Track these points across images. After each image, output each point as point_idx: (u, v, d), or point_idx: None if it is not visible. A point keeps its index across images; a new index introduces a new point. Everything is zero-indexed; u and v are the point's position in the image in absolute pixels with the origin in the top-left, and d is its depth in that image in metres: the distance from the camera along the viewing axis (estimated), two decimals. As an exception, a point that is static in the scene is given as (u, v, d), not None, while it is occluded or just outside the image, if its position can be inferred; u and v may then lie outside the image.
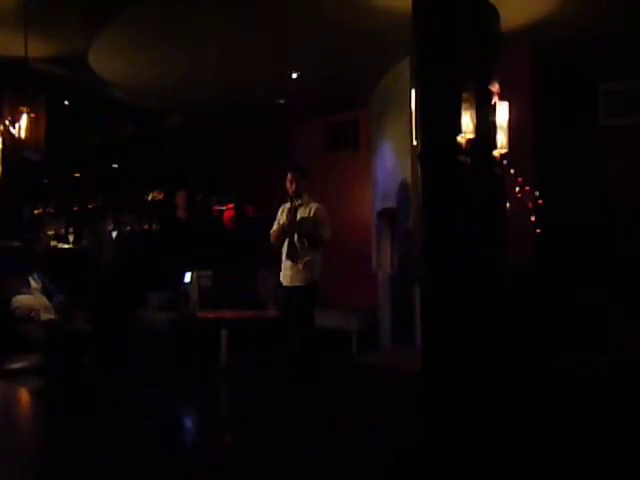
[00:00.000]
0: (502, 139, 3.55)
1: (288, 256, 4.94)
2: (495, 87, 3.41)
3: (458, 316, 3.13)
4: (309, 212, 4.93)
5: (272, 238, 5.09)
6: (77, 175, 9.47)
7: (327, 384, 5.14)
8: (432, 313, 3.16)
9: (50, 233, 9.09)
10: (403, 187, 5.47)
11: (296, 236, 4.91)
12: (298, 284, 4.89)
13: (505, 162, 3.62)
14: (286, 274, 4.97)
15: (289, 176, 5.01)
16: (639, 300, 4.37)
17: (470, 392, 3.11)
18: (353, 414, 4.44)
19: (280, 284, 5.09)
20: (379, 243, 6.49)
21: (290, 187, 4.98)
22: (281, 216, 5.06)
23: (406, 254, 5.65)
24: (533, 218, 4.88)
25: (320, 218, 4.91)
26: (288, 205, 5.03)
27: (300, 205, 4.97)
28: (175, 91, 6.79)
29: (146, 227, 8.74)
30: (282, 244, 4.99)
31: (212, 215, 8.22)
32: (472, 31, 3.25)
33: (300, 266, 4.89)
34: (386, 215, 6.25)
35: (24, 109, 4.44)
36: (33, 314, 4.83)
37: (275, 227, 5.08)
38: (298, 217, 4.93)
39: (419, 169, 3.18)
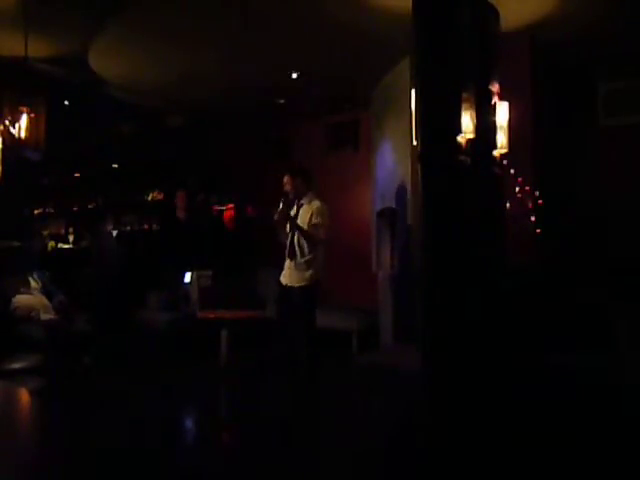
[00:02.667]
0: (502, 139, 3.56)
1: (289, 255, 4.96)
2: (495, 87, 3.41)
3: (458, 316, 3.14)
4: (310, 211, 4.95)
5: (275, 220, 5.01)
6: (77, 175, 9.47)
7: (327, 384, 5.13)
8: (432, 313, 3.17)
9: (45, 233, 9.09)
10: (403, 187, 5.47)
11: (296, 235, 4.92)
12: (297, 284, 4.89)
13: (505, 162, 3.62)
14: (286, 273, 4.99)
15: (285, 178, 5.03)
16: (639, 300, 4.36)
17: (470, 392, 3.11)
18: (353, 414, 4.44)
19: (279, 283, 5.09)
20: (379, 243, 6.47)
21: (287, 189, 5.00)
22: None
23: (406, 254, 5.64)
24: (533, 218, 4.87)
25: (316, 218, 4.93)
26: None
27: (302, 205, 4.99)
28: (175, 91, 6.79)
29: (146, 227, 8.74)
30: (284, 237, 4.98)
31: (212, 215, 8.22)
32: (472, 31, 3.26)
33: (300, 265, 4.89)
34: (386, 215, 6.23)
35: (24, 109, 4.45)
36: (33, 314, 4.84)
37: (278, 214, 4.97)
38: (299, 217, 4.95)
39: (419, 169, 3.18)
